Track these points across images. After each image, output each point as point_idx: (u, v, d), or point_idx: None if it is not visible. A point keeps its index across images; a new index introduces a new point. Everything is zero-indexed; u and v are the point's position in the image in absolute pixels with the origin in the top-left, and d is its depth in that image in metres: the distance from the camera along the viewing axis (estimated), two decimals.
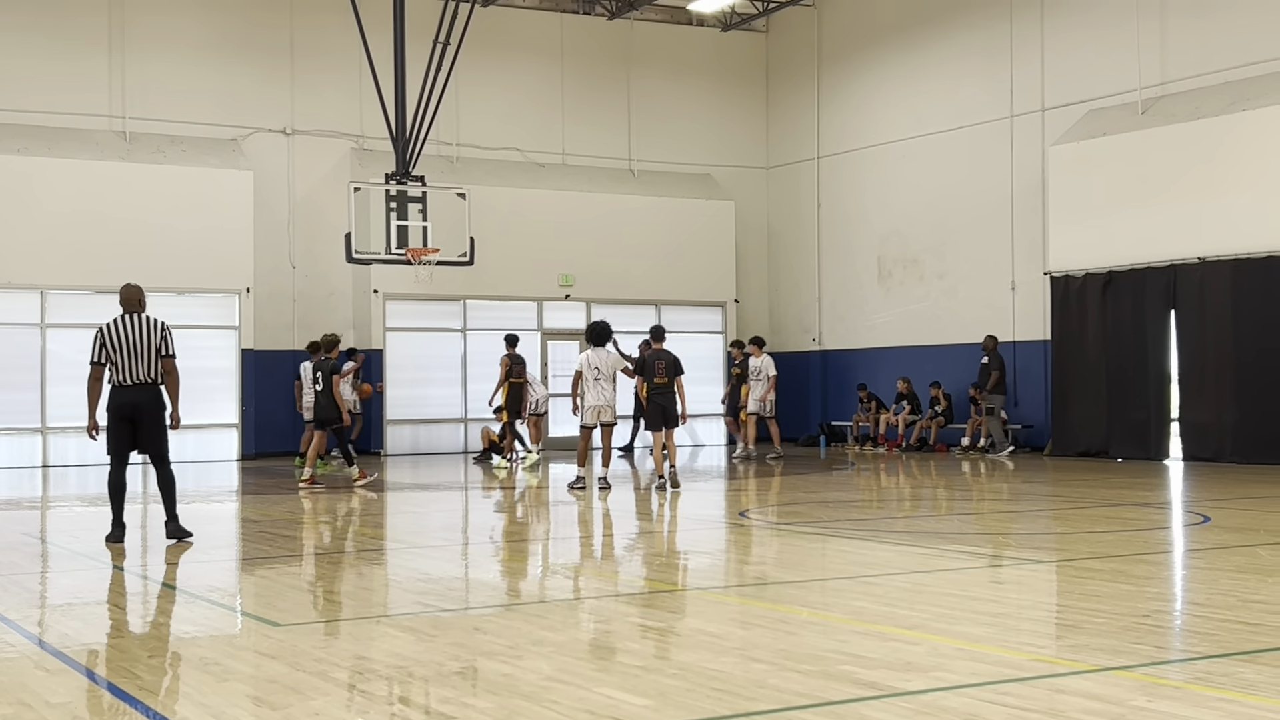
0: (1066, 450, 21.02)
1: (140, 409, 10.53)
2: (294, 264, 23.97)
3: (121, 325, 10.53)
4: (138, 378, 10.48)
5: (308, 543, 11.65)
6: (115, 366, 10.48)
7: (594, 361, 15.32)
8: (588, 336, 15.69)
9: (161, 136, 23.02)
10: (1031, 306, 22.40)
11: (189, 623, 7.49)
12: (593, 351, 15.38)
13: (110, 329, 10.54)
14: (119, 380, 10.49)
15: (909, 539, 11.11)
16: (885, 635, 6.56)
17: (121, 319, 10.59)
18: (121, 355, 10.46)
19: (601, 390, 15.32)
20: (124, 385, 10.49)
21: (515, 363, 20.17)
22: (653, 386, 15.97)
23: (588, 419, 15.48)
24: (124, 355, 10.46)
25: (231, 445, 22.81)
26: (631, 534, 12.22)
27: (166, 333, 10.63)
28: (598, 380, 15.29)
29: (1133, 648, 6.22)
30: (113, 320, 10.61)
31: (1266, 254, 18.52)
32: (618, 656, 6.16)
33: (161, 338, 10.56)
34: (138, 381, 10.48)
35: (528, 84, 25.96)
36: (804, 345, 26.82)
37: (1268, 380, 18.56)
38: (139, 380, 10.48)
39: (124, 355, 10.46)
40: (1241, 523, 11.86)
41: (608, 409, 15.40)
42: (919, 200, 24.57)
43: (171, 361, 10.60)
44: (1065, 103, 21.92)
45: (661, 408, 15.94)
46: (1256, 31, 19.42)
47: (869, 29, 25.73)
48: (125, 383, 10.49)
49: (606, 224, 25.50)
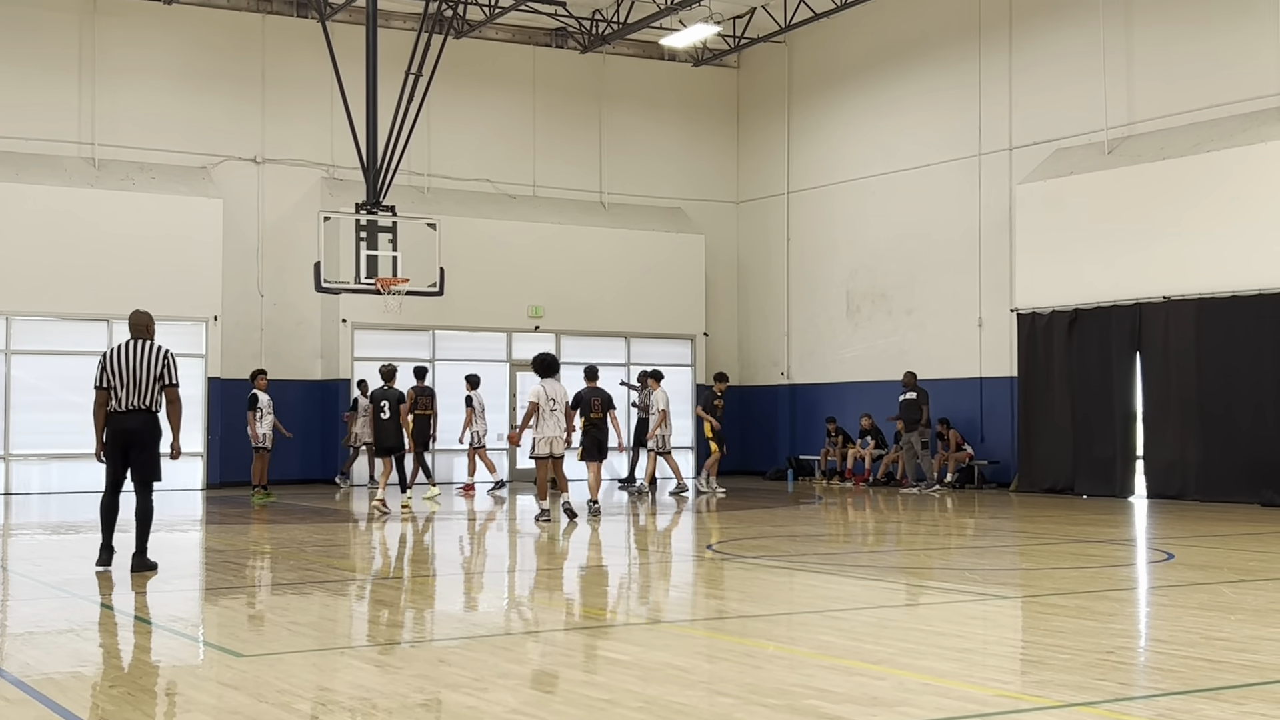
0: (1032, 486, 21.12)
1: (135, 435, 10.52)
2: (262, 292, 23.89)
3: (124, 352, 10.54)
4: (134, 404, 10.50)
5: (272, 573, 11.57)
6: (114, 392, 10.50)
7: (550, 393, 15.40)
8: (538, 369, 15.68)
9: (131, 163, 22.94)
10: (998, 343, 22.54)
11: (152, 652, 7.42)
12: (548, 383, 15.46)
13: (113, 355, 10.55)
14: (116, 406, 10.51)
15: (875, 573, 11.13)
16: (851, 670, 6.57)
17: (126, 345, 10.59)
18: (120, 381, 10.48)
19: (557, 421, 15.42)
20: (120, 411, 10.51)
21: (421, 395, 20.19)
22: (589, 421, 16.86)
23: (540, 449, 15.54)
24: (123, 381, 10.48)
25: (196, 474, 22.65)
26: (598, 566, 12.19)
27: (170, 361, 10.63)
28: (553, 412, 15.38)
29: (1096, 684, 6.24)
30: (118, 345, 10.63)
31: (1230, 294, 18.72)
32: (583, 689, 6.14)
33: (164, 366, 10.57)
34: (133, 408, 10.50)
35: (500, 116, 26.02)
36: (772, 379, 26.89)
37: (1231, 419, 18.72)
38: (134, 407, 10.50)
39: (123, 381, 10.48)
40: (1205, 560, 11.94)
41: (559, 440, 15.47)
42: (888, 236, 24.72)
43: (175, 391, 10.60)
44: (1032, 141, 22.14)
45: (596, 440, 16.82)
46: (1222, 74, 19.68)
47: (839, 66, 25.94)
48: (122, 409, 10.51)
49: (577, 256, 25.54)
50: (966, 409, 22.97)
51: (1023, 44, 22.50)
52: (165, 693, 6.15)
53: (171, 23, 23.45)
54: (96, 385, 10.56)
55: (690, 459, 26.14)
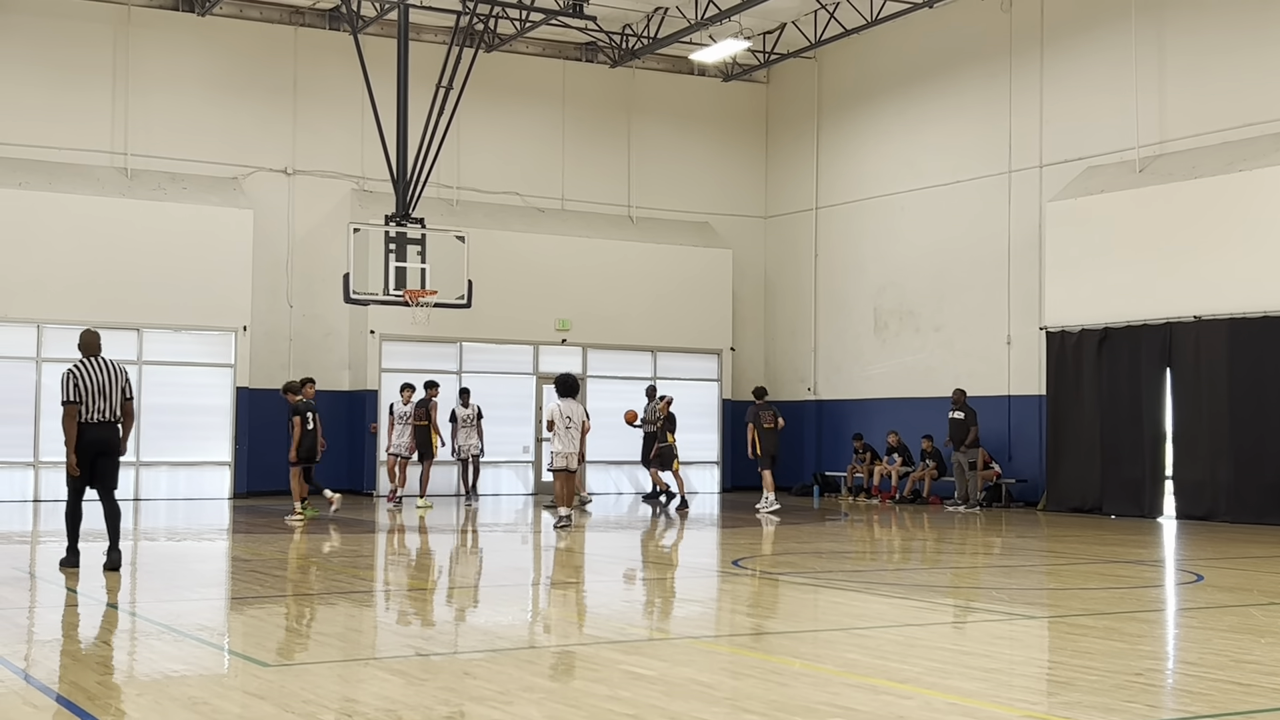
0: (1060, 506, 21.00)
1: (106, 444, 11.20)
2: (291, 303, 23.99)
3: (89, 368, 11.21)
4: (104, 416, 11.17)
5: (298, 583, 11.60)
6: (85, 406, 11.12)
7: (566, 411, 16.39)
8: (558, 388, 16.69)
9: (162, 174, 23.10)
10: (1027, 361, 22.44)
11: (178, 661, 7.44)
12: (564, 401, 16.45)
13: (80, 371, 11.18)
14: (86, 419, 11.13)
15: (902, 591, 11.08)
16: (877, 688, 6.53)
17: (89, 362, 11.25)
18: (91, 396, 11.13)
19: (572, 438, 16.35)
20: (91, 424, 11.13)
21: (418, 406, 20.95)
22: None
23: (557, 464, 16.60)
24: (93, 396, 11.14)
25: (224, 483, 22.74)
26: (624, 580, 12.17)
27: (127, 376, 11.46)
28: (569, 429, 16.33)
29: (1125, 706, 6.19)
30: (79, 362, 11.26)
31: (1262, 314, 18.59)
32: (607, 704, 6.13)
33: (126, 381, 11.38)
34: (104, 420, 11.17)
35: (529, 129, 26.09)
36: (799, 395, 26.84)
37: (1262, 440, 18.58)
38: (105, 419, 11.18)
39: (93, 396, 11.14)
40: (1235, 582, 11.84)
41: (573, 456, 16.44)
42: (916, 253, 24.66)
43: (130, 404, 11.39)
44: (1063, 159, 22.05)
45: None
46: (1255, 92, 19.57)
47: (869, 82, 25.91)
48: (93, 421, 11.14)
49: (604, 270, 25.56)
50: (995, 427, 22.86)
51: (1054, 60, 22.43)
52: (192, 702, 6.17)
53: (204, 34, 23.62)
54: (69, 400, 11.09)
55: (715, 473, 26.15)
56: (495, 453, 23.56)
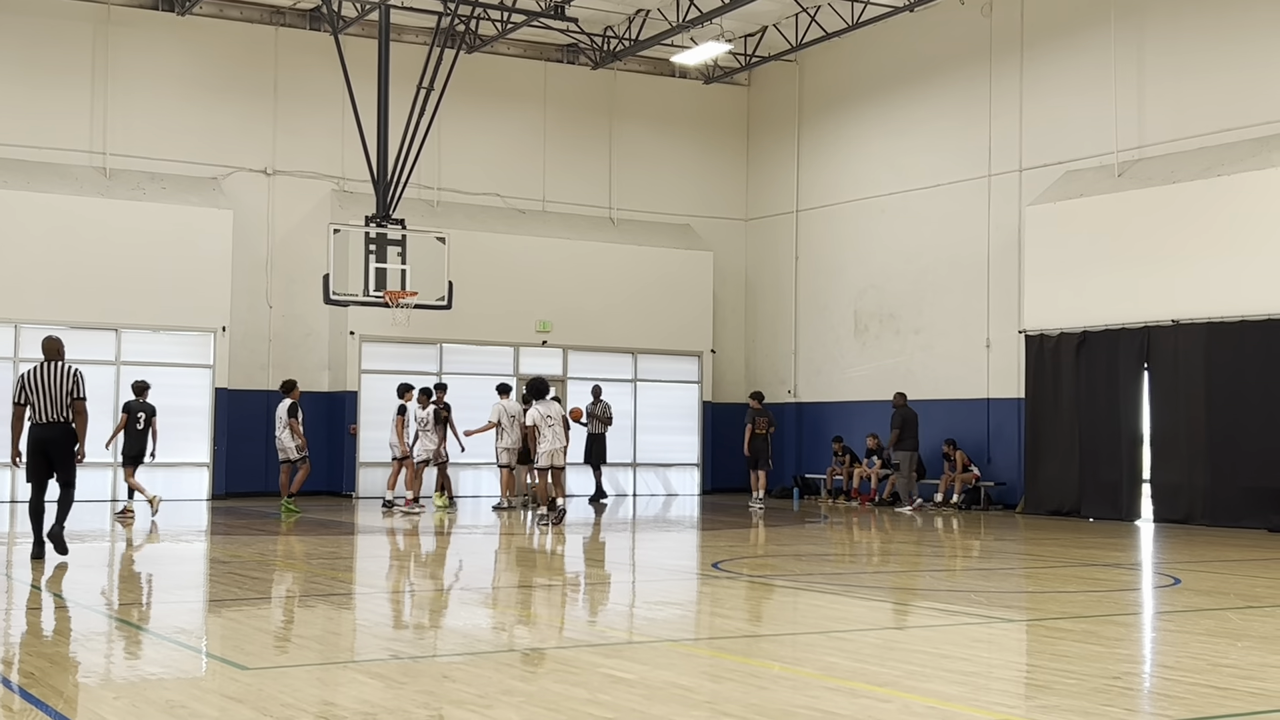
0: (1039, 508, 21.07)
1: (52, 444, 12.02)
2: (271, 304, 23.92)
3: (40, 372, 12.06)
4: (50, 417, 11.99)
5: (277, 585, 11.56)
6: (33, 407, 11.99)
7: (545, 411, 17.48)
8: (531, 393, 17.80)
9: (142, 173, 23.01)
10: (1006, 364, 22.51)
11: (155, 664, 7.41)
12: (541, 404, 17.55)
13: (31, 375, 12.08)
14: (35, 419, 12.00)
15: (881, 594, 11.10)
16: (856, 692, 6.54)
17: (41, 366, 12.11)
18: (38, 398, 11.97)
19: (556, 435, 17.40)
20: (39, 424, 11.99)
21: None
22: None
23: (543, 461, 17.56)
24: (40, 398, 11.97)
25: (202, 484, 22.66)
26: (604, 583, 12.17)
27: (79, 378, 12.13)
28: (551, 427, 17.37)
29: (1103, 709, 6.22)
30: (34, 367, 12.15)
31: (1239, 318, 18.69)
32: (587, 708, 6.13)
33: (74, 383, 12.07)
34: (50, 420, 11.99)
35: (510, 130, 26.07)
36: (780, 397, 26.86)
37: (1239, 443, 18.68)
38: (51, 419, 11.99)
39: (40, 398, 11.97)
40: (1212, 586, 11.90)
41: (559, 453, 17.44)
42: (896, 256, 24.72)
43: (81, 404, 12.08)
44: (1043, 163, 22.14)
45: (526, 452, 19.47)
46: (1233, 98, 19.68)
47: (850, 86, 25.97)
48: (41, 421, 11.99)
49: (585, 271, 25.56)
50: (974, 430, 22.93)
51: (1034, 65, 22.51)
52: (169, 705, 6.14)
53: (184, 34, 23.54)
54: (15, 402, 12.07)
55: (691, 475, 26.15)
56: (477, 454, 23.46)
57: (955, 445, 22.52)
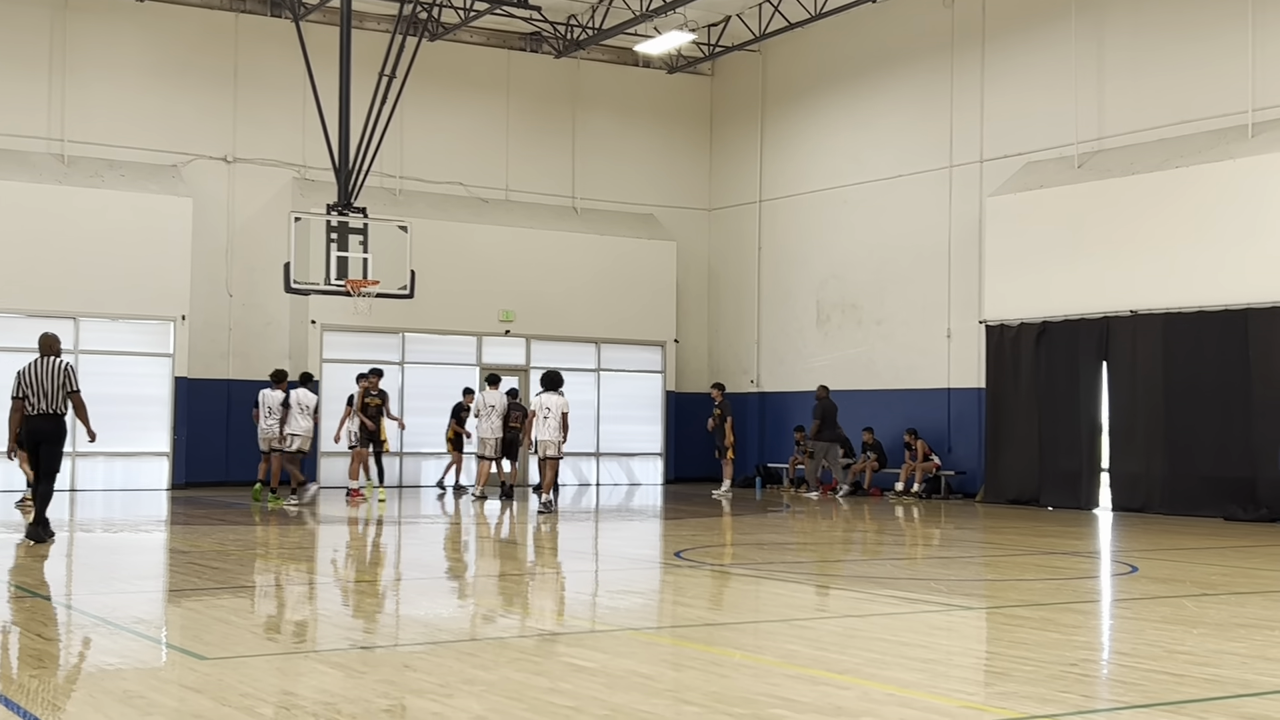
0: (998, 497, 21.22)
1: (46, 435, 12.77)
2: (231, 292, 23.77)
3: (36, 367, 12.78)
4: (44, 410, 12.69)
5: (236, 575, 11.51)
6: (29, 401, 12.70)
7: (546, 403, 17.67)
8: (543, 383, 17.92)
9: (101, 161, 22.80)
10: (967, 354, 22.64)
11: (113, 654, 7.37)
12: (546, 395, 17.73)
13: (28, 370, 12.80)
14: (30, 411, 12.72)
15: (842, 583, 11.15)
16: (816, 679, 6.58)
17: (37, 361, 12.80)
18: (34, 391, 12.69)
19: (549, 428, 17.63)
20: (34, 415, 12.72)
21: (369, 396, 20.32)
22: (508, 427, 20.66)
23: (538, 452, 17.95)
24: (35, 392, 12.68)
25: (162, 474, 22.51)
26: (567, 572, 12.17)
27: (70, 373, 12.84)
28: (546, 420, 17.60)
29: (1060, 696, 6.27)
30: (31, 362, 12.84)
31: (1197, 309, 18.86)
32: (548, 696, 6.13)
33: (65, 377, 12.76)
34: (44, 413, 12.70)
35: (473, 119, 25.98)
36: (742, 386, 26.93)
37: (1195, 433, 18.86)
38: (44, 412, 12.70)
39: (35, 392, 12.68)
40: (1168, 574, 12.02)
41: (551, 444, 17.68)
42: (858, 246, 24.81)
43: (77, 395, 12.81)
44: (1003, 155, 22.26)
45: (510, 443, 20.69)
46: (1191, 90, 19.85)
47: (813, 77, 26.02)
48: (35, 414, 12.71)
49: (548, 261, 25.52)
50: (934, 419, 23.07)
51: (995, 58, 22.63)
52: (126, 695, 6.11)
53: (143, 20, 23.33)
54: (14, 396, 12.79)
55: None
56: (430, 444, 23.37)
57: (916, 435, 22.64)
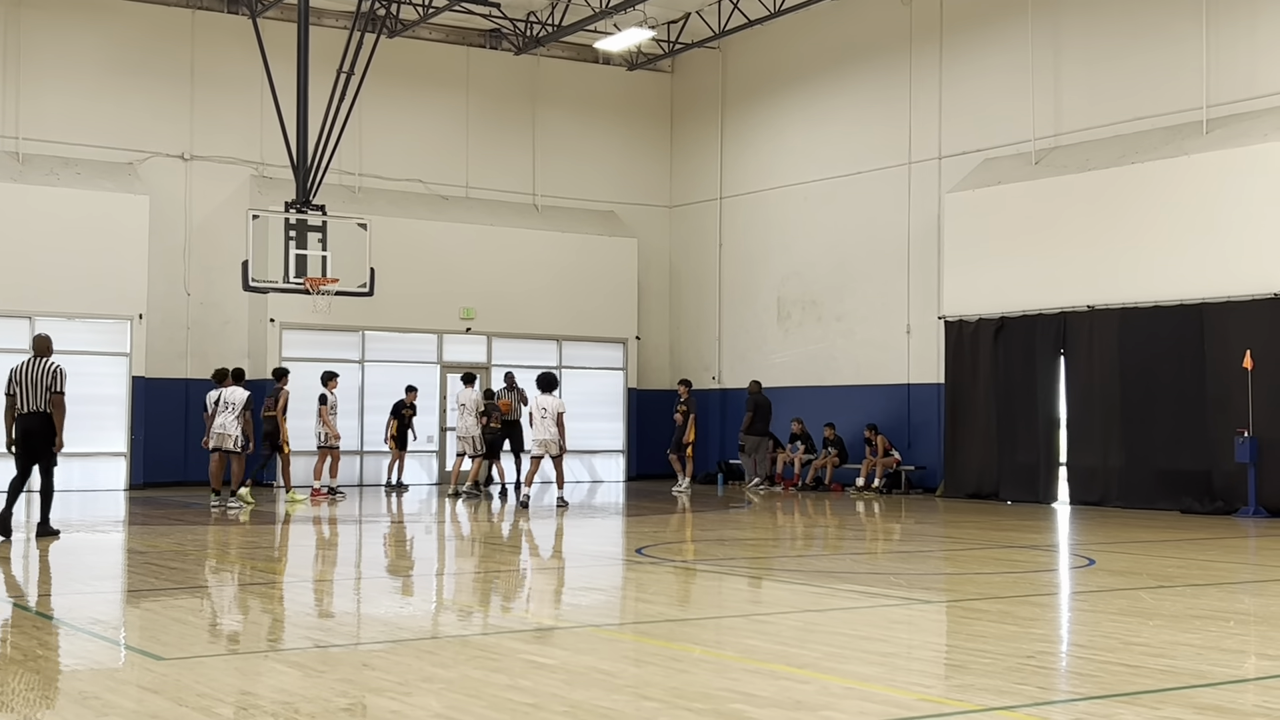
0: (958, 492, 21.34)
1: (33, 432, 13.24)
2: (189, 291, 23.59)
3: (26, 366, 13.30)
4: (30, 408, 13.22)
5: (195, 575, 11.43)
6: (18, 398, 13.23)
7: (541, 404, 18.57)
8: (539, 385, 18.90)
9: (56, 159, 22.57)
10: (926, 350, 22.76)
11: (69, 655, 7.30)
12: (543, 396, 18.67)
13: (18, 369, 13.35)
14: (18, 409, 13.27)
15: (802, 578, 11.20)
16: (776, 674, 6.60)
17: (28, 361, 13.34)
18: (22, 390, 13.22)
19: (547, 427, 18.45)
20: (23, 414, 13.25)
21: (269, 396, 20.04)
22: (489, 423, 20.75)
23: (536, 450, 18.75)
24: (23, 390, 13.21)
25: (119, 474, 22.32)
26: (527, 569, 12.16)
27: (57, 374, 13.24)
28: (544, 419, 18.47)
29: (1017, 688, 6.32)
30: (23, 361, 13.43)
31: (1153, 303, 19.03)
32: (508, 694, 6.13)
33: (52, 378, 13.19)
34: (30, 411, 13.22)
35: (432, 116, 25.90)
36: (704, 383, 26.96)
37: (1152, 427, 19.03)
38: (30, 410, 13.22)
39: (23, 390, 13.21)
40: (1125, 566, 12.13)
41: (551, 443, 18.51)
42: (819, 243, 24.89)
43: (59, 397, 13.19)
44: (961, 151, 22.38)
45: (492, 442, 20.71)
46: (1146, 87, 20.02)
47: (772, 73, 26.08)
48: (22, 411, 13.25)
49: (509, 258, 25.46)
50: (895, 415, 23.18)
51: (953, 55, 22.75)
52: (83, 696, 6.06)
53: (99, 16, 23.12)
54: (5, 393, 13.47)
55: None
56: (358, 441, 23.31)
57: (876, 430, 22.74)
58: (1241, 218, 18.15)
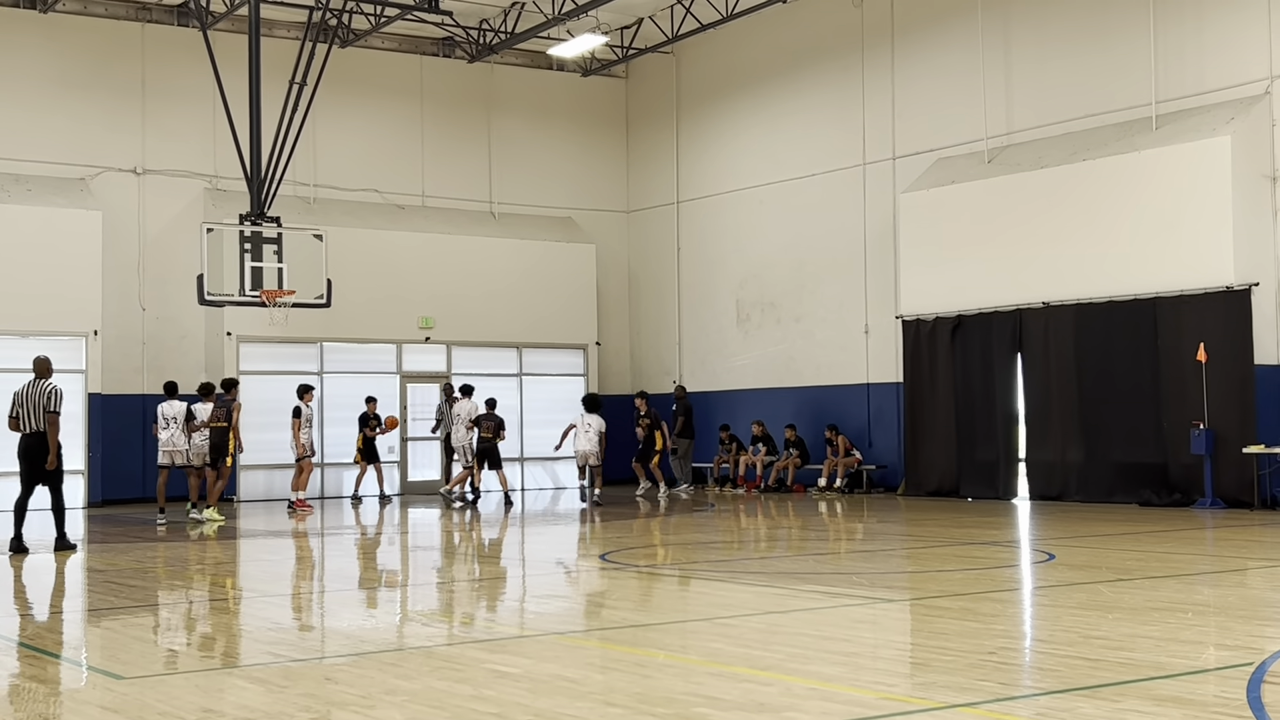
0: (919, 490, 21.46)
1: (34, 451, 13.87)
2: (144, 306, 23.40)
3: (28, 388, 13.96)
4: (31, 428, 13.90)
5: (155, 593, 11.34)
6: (20, 419, 13.90)
7: (586, 421, 20.66)
8: (585, 405, 21.15)
9: (6, 175, 22.35)
10: (885, 350, 22.87)
11: (29, 677, 7.23)
12: (587, 414, 20.80)
13: (21, 391, 13.98)
14: (22, 429, 13.93)
15: (766, 579, 11.23)
16: (740, 676, 6.62)
17: (30, 383, 14.00)
18: (24, 410, 13.91)
19: (588, 439, 20.55)
20: (24, 434, 13.94)
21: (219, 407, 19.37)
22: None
23: (579, 461, 20.88)
24: (25, 411, 13.90)
25: (78, 492, 22.10)
26: (490, 578, 12.14)
27: (52, 394, 13.90)
28: (586, 433, 20.58)
29: (979, 684, 6.37)
30: (25, 384, 14.05)
31: (1107, 299, 19.20)
32: (472, 704, 6.12)
33: (47, 398, 13.83)
34: (31, 430, 13.90)
35: (387, 125, 25.81)
36: (665, 388, 26.97)
37: (1109, 422, 19.20)
38: (32, 429, 13.90)
39: (25, 411, 13.90)
40: (1085, 560, 12.23)
41: (592, 454, 20.60)
42: (776, 245, 24.97)
43: (53, 416, 13.82)
44: (915, 151, 22.52)
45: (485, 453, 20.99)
46: (1095, 85, 20.20)
47: (726, 77, 26.16)
48: (25, 431, 13.95)
49: (467, 266, 25.40)
50: (855, 415, 23.28)
51: (905, 56, 22.88)
52: (42, 717, 6.00)
53: (47, 31, 22.91)
54: (10, 415, 14.09)
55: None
56: (350, 454, 23.16)
57: (837, 430, 22.83)
58: (1193, 211, 18.35)
